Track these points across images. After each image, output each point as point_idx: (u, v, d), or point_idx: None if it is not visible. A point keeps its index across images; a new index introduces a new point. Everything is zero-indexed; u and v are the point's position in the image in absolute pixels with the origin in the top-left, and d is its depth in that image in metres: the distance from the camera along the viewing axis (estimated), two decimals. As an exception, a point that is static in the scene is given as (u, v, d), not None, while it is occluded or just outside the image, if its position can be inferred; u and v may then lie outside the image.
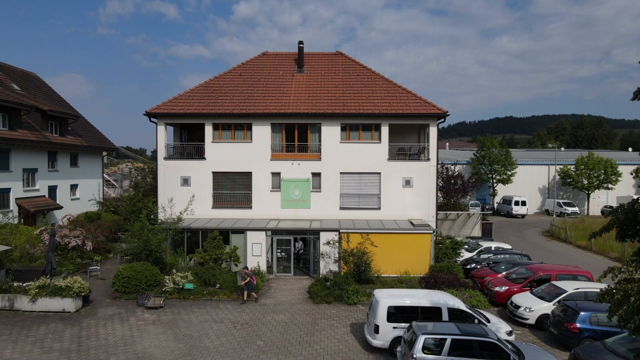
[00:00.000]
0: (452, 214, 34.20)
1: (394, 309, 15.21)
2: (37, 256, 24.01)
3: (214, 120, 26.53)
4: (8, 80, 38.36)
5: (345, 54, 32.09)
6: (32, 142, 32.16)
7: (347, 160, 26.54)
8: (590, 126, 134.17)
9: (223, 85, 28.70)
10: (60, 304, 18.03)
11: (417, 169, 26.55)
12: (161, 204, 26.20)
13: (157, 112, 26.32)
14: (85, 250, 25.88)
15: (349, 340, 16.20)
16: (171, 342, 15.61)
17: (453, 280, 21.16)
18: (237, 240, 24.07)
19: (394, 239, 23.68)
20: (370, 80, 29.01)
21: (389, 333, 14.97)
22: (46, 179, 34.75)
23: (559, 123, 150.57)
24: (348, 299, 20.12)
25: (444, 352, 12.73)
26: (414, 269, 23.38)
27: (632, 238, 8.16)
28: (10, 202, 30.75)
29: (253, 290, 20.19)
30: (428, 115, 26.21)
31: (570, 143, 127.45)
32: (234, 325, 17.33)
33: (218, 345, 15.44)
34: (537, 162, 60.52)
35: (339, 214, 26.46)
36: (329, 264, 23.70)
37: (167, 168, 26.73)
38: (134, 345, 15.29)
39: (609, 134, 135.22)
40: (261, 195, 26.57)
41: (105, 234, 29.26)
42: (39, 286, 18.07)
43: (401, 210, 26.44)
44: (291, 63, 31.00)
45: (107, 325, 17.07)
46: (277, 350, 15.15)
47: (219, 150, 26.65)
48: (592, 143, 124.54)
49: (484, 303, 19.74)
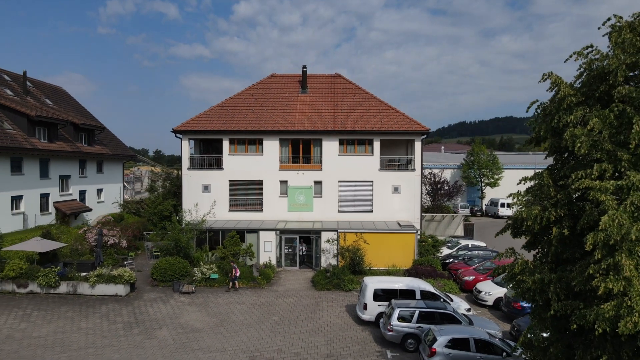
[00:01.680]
0: (438, 216, 38.67)
1: (380, 291, 19.73)
2: (83, 252, 28.49)
3: (231, 136, 31.03)
4: (42, 95, 42.90)
5: (343, 76, 36.57)
6: (68, 153, 36.63)
7: (344, 170, 31.01)
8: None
9: (237, 104, 33.20)
10: (114, 289, 22.54)
11: (405, 177, 31.03)
12: (186, 208, 30.67)
13: (182, 129, 30.83)
14: (120, 247, 30.35)
15: (344, 316, 20.71)
16: (206, 317, 20.12)
17: (431, 272, 25.67)
18: (251, 238, 28.55)
19: (383, 238, 28.15)
20: (365, 100, 33.51)
21: (374, 309, 19.48)
22: (77, 184, 39.20)
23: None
24: (344, 287, 24.62)
25: (414, 321, 17.27)
26: (400, 262, 27.82)
27: (522, 235, 12.48)
28: (50, 205, 35.22)
29: (237, 280, 24.43)
30: (413, 132, 30.71)
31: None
32: (253, 306, 21.83)
33: (242, 320, 19.94)
34: (522, 166, 65.00)
35: (337, 216, 30.91)
36: (329, 259, 28.18)
37: (190, 177, 31.24)
38: (177, 319, 19.80)
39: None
40: (271, 200, 31.06)
41: (135, 234, 33.72)
42: (97, 275, 22.58)
43: (391, 213, 30.91)
44: (296, 84, 35.49)
45: (153, 305, 21.59)
46: (289, 323, 19.65)
47: (234, 161, 31.15)
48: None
49: (455, 289, 24.24)
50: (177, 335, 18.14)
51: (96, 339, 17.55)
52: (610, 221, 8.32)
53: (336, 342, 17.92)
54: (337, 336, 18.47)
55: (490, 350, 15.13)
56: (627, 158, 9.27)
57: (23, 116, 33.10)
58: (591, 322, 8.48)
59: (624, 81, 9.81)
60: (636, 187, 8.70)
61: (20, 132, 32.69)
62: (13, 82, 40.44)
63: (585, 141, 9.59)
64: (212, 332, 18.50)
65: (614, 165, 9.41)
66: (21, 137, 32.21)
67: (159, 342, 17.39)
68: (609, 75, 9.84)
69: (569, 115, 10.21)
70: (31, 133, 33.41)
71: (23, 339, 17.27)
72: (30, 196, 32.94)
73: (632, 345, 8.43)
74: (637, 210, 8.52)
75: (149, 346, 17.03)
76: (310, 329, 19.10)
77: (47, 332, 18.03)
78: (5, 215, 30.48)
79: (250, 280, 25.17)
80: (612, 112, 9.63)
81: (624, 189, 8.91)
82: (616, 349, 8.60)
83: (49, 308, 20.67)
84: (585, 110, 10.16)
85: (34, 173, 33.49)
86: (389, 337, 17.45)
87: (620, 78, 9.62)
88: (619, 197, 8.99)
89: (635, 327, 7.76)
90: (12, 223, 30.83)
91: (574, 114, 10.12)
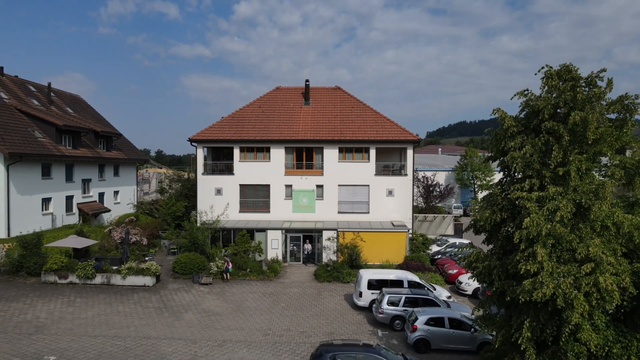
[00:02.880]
0: (430, 216, 41.99)
1: (373, 281, 23.07)
2: (109, 248, 31.84)
3: (241, 144, 34.38)
4: (63, 104, 46.30)
5: (342, 89, 39.90)
6: (89, 158, 40.01)
7: (344, 175, 34.34)
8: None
9: (246, 115, 36.56)
10: (142, 280, 25.88)
11: (398, 182, 34.35)
12: (201, 209, 34.01)
13: (197, 138, 34.19)
14: (141, 245, 33.68)
15: (342, 303, 24.05)
16: (224, 304, 23.46)
17: (420, 266, 29.00)
18: (260, 236, 31.88)
19: (378, 236, 31.46)
20: (362, 111, 36.86)
21: (368, 297, 22.81)
22: (97, 187, 42.58)
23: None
24: (343, 279, 27.94)
25: (400, 305, 20.62)
26: (393, 258, 31.12)
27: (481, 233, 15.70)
28: (74, 206, 38.60)
29: (227, 272, 27.62)
30: (405, 140, 34.05)
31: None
32: (263, 294, 25.17)
33: (255, 306, 23.28)
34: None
35: (337, 217, 34.22)
36: (329, 255, 31.50)
37: (204, 181, 34.60)
38: (200, 305, 23.14)
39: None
40: (277, 202, 34.40)
41: (153, 232, 37.07)
42: (128, 268, 25.92)
43: (385, 214, 34.24)
44: (299, 97, 38.83)
45: (177, 293, 24.94)
46: (295, 309, 22.99)
47: (244, 167, 34.50)
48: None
49: (440, 281, 27.57)
50: (201, 317, 21.49)
51: (134, 320, 20.90)
52: (530, 222, 11.67)
53: (335, 323, 21.25)
54: (336, 319, 21.81)
55: (462, 327, 18.45)
56: (549, 175, 12.63)
57: (51, 125, 36.49)
58: (518, 294, 11.83)
59: (550, 117, 13.12)
60: (551, 197, 12.06)
61: (49, 140, 36.05)
62: (38, 93, 43.85)
63: (520, 162, 12.97)
64: (231, 315, 21.84)
65: (540, 181, 12.77)
66: (50, 144, 35.59)
67: (186, 323, 20.73)
68: (540, 112, 13.18)
69: (511, 141, 13.56)
70: (58, 141, 36.79)
71: (74, 320, 20.62)
72: (58, 198, 36.34)
73: (546, 310, 11.77)
74: (551, 214, 11.86)
75: (179, 325, 20.38)
76: (313, 313, 22.43)
77: (92, 314, 21.39)
78: (37, 215, 33.88)
79: (260, 274, 28.48)
80: (540, 141, 12.99)
81: (544, 198, 12.26)
82: (536, 313, 11.94)
83: (89, 296, 24.02)
84: (523, 137, 13.52)
85: (60, 177, 36.89)
86: (380, 318, 20.81)
87: (547, 115, 12.98)
88: (541, 205, 12.32)
89: (544, 296, 11.10)
90: (43, 222, 34.25)
91: (515, 141, 13.49)
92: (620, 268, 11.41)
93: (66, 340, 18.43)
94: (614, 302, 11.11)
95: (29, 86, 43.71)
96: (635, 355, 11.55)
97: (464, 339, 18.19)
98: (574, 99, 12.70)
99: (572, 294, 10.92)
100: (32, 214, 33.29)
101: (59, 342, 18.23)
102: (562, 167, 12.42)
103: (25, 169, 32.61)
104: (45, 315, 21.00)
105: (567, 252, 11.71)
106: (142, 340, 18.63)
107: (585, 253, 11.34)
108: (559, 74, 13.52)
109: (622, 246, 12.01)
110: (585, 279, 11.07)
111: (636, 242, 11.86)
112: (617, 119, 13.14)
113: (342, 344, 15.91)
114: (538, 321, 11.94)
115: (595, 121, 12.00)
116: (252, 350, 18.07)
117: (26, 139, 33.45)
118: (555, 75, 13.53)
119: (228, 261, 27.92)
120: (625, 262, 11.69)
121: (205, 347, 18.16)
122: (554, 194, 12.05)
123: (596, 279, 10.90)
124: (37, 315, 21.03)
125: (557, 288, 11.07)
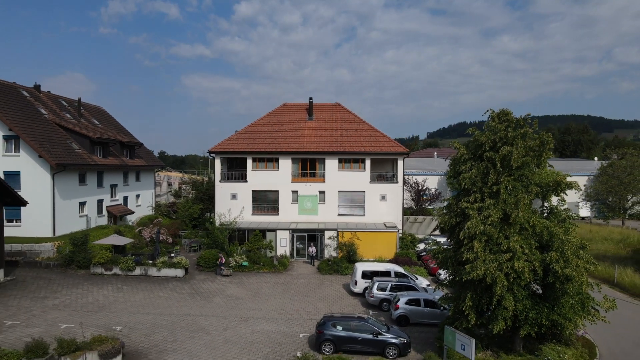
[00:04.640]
0: (420, 218, 47.07)
1: (367, 272, 28.16)
2: (140, 246, 36.94)
3: (253, 156, 39.50)
4: (90, 117, 51.43)
5: (342, 105, 45.02)
6: (117, 166, 45.11)
7: (343, 183, 39.42)
8: (576, 132, 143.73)
9: (257, 129, 41.67)
10: (174, 272, 30.99)
11: (390, 188, 39.44)
12: (219, 212, 39.09)
13: (216, 150, 39.35)
14: (166, 243, 38.76)
15: (341, 290, 29.16)
16: (244, 291, 28.56)
17: (407, 261, 34.10)
18: (270, 236, 36.98)
19: (372, 235, 36.54)
20: (359, 126, 41.97)
21: (362, 285, 27.90)
22: (122, 191, 47.66)
23: (548, 129, 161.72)
24: (342, 272, 33.03)
25: (387, 290, 25.72)
26: (385, 255, 36.18)
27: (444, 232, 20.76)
28: (103, 209, 43.71)
29: (222, 266, 32.45)
30: (397, 152, 39.18)
31: (557, 148, 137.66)
32: (275, 284, 30.26)
33: (270, 292, 28.38)
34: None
35: (337, 219, 39.30)
36: (330, 251, 36.59)
37: (222, 188, 39.73)
38: (224, 292, 28.25)
39: (593, 140, 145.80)
40: (285, 206, 39.50)
41: (175, 232, 42.17)
42: (162, 261, 31.02)
43: (379, 216, 39.32)
44: (303, 112, 43.95)
45: (204, 283, 30.04)
46: (303, 294, 28.09)
47: (256, 176, 39.61)
48: (578, 148, 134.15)
49: (424, 273, 32.65)
50: (227, 300, 26.60)
51: (173, 302, 26.02)
52: (471, 224, 16.77)
53: (336, 305, 26.34)
54: (336, 302, 26.90)
55: (434, 306, 23.52)
56: (487, 191, 17.73)
57: (86, 138, 41.59)
58: (462, 275, 16.93)
59: (490, 149, 18.20)
60: (487, 207, 17.17)
61: (84, 150, 41.17)
62: (69, 107, 48.97)
63: (468, 181, 18.07)
64: (250, 300, 26.96)
65: (481, 195, 17.87)
66: (85, 154, 40.71)
67: (216, 304, 25.85)
68: (483, 145, 18.28)
69: (463, 165, 18.67)
70: (91, 151, 41.93)
71: (126, 302, 25.74)
72: (91, 202, 41.48)
73: (480, 286, 16.89)
74: (485, 219, 16.96)
75: (210, 306, 25.50)
76: (317, 298, 27.54)
77: (139, 298, 26.51)
78: (75, 217, 39.03)
79: (271, 267, 33.58)
80: (482, 165, 18.10)
81: (482, 208, 17.37)
82: (474, 288, 17.05)
83: (132, 284, 29.14)
84: (471, 163, 18.63)
85: (93, 183, 42.03)
86: (371, 301, 25.92)
87: (487, 147, 18.08)
88: (479, 212, 17.41)
89: (478, 276, 16.19)
90: (79, 224, 39.39)
91: (465, 165, 18.59)
92: (533, 257, 16.53)
93: (125, 315, 23.57)
94: (526, 279, 16.23)
95: (61, 101, 48.82)
96: (545, 318, 16.67)
97: (435, 315, 23.28)
98: (506, 137, 17.80)
99: (496, 274, 16.03)
100: (71, 216, 38.41)
101: (120, 317, 23.37)
102: (496, 186, 17.53)
103: (66, 177, 37.71)
104: (102, 299, 26.14)
105: (495, 245, 16.84)
106: (184, 317, 23.75)
107: (507, 246, 16.46)
108: (499, 116, 18.62)
109: (536, 242, 17.12)
110: (505, 264, 16.19)
111: (546, 239, 16.96)
112: (538, 148, 18.11)
113: (340, 316, 20.99)
114: (476, 294, 17.05)
115: (517, 153, 17.10)
116: (271, 323, 23.20)
117: (67, 151, 38.55)
118: (495, 117, 18.63)
119: (221, 257, 32.66)
120: (537, 253, 16.81)
121: (234, 321, 23.29)
122: (488, 205, 17.15)
123: (513, 264, 16.01)
124: (96, 298, 26.17)
125: (487, 270, 16.17)
